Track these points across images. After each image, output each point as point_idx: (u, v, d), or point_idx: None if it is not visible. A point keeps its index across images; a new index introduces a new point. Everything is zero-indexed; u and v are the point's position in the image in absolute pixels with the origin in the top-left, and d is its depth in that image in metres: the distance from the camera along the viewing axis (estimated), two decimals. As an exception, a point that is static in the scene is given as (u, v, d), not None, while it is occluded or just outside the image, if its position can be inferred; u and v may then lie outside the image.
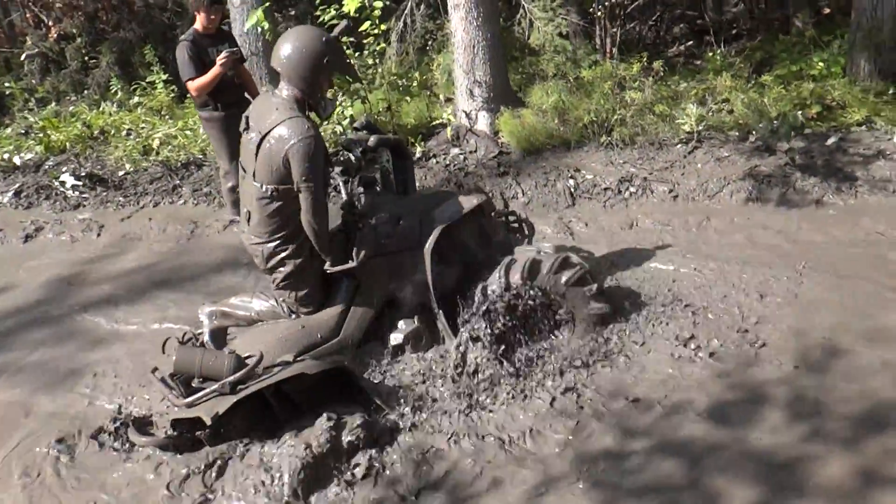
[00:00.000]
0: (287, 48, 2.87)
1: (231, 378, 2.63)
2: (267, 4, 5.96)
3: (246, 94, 4.74)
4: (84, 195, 5.80)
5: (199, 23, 4.58)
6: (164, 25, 8.56)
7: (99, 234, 5.20)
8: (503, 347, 3.08)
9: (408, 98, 6.07)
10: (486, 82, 5.57)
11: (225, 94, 4.59)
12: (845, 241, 4.04)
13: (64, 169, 6.11)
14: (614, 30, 6.51)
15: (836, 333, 3.20)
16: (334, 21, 5.97)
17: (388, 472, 2.66)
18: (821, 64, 5.87)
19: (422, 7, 6.51)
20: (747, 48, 6.76)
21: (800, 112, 5.15)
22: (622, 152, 5.24)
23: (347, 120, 5.61)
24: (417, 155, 5.58)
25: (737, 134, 5.21)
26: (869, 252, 3.89)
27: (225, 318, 3.24)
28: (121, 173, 6.03)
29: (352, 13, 5.19)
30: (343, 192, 3.17)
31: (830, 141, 4.95)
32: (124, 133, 6.59)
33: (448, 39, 5.93)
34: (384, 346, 3.16)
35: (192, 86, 4.52)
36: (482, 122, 5.68)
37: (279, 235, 2.97)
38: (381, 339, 3.19)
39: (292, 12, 8.47)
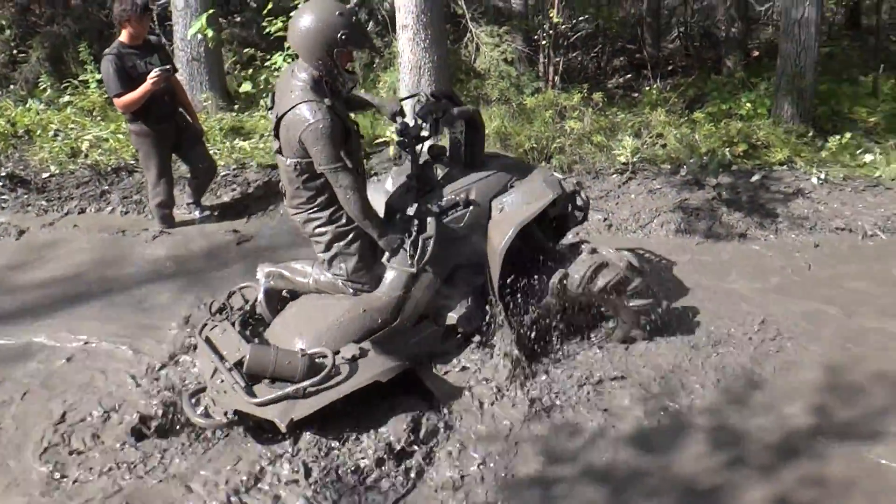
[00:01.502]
0: (300, 26, 2.78)
1: (305, 383, 2.68)
2: (211, 11, 5.85)
3: (180, 109, 4.63)
4: (3, 197, 5.49)
5: (126, 35, 4.42)
6: (101, 23, 8.25)
7: (18, 239, 4.93)
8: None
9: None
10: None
11: (156, 109, 4.45)
12: (769, 273, 4.24)
13: (-18, 168, 5.79)
14: (557, 59, 6.69)
15: (755, 363, 3.35)
16: (281, 34, 5.94)
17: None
18: (748, 104, 6.19)
19: (370, 24, 6.52)
20: (682, 84, 7.06)
21: (727, 149, 5.42)
22: (560, 179, 5.36)
23: None
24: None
25: (669, 167, 5.42)
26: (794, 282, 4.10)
27: (282, 281, 3.21)
28: (45, 175, 5.74)
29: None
30: (415, 160, 3.14)
31: (755, 178, 5.22)
32: (51, 133, 6.28)
33: (395, 58, 5.95)
34: (437, 325, 3.16)
35: (120, 102, 4.36)
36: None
37: (312, 205, 3.01)
38: (434, 317, 3.17)
39: (237, 19, 8.33)
